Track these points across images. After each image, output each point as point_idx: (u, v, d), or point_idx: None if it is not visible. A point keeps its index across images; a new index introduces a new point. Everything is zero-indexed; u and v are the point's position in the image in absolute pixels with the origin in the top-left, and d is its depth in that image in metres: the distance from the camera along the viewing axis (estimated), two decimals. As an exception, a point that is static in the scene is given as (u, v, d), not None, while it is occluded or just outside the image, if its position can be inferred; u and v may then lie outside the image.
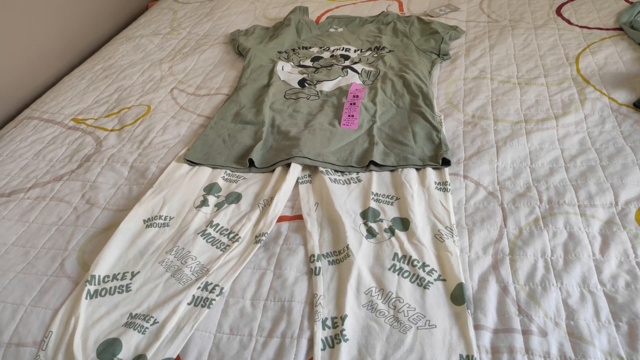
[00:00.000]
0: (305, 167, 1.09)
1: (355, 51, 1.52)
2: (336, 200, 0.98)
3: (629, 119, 1.12)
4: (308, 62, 1.48)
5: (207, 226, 0.96)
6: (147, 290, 0.85)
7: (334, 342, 0.75)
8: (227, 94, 1.39)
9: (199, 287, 0.85)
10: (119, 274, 0.89)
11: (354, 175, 1.06)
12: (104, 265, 0.89)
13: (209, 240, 0.94)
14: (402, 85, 1.30)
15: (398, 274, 0.84)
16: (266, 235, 0.93)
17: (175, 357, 0.76)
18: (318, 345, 0.75)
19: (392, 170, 1.06)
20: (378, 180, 1.04)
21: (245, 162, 1.10)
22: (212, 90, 1.42)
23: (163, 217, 0.99)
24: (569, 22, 1.57)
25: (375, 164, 1.07)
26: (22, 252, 0.96)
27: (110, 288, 0.86)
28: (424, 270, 0.84)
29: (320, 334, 0.76)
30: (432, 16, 1.71)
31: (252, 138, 1.18)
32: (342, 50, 1.53)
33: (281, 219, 0.98)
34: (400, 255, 0.87)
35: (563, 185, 0.98)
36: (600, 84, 1.25)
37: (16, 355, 0.79)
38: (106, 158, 1.19)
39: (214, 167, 1.12)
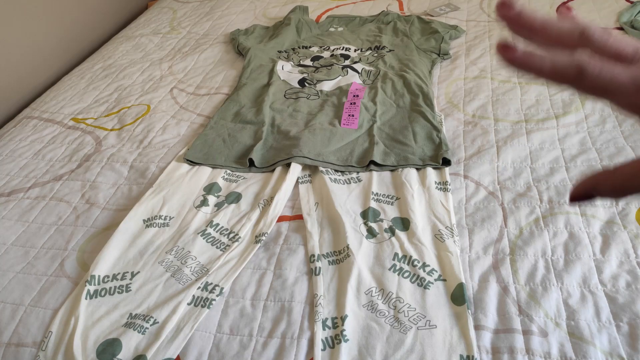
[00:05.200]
0: (305, 166, 1.09)
1: (355, 50, 1.51)
2: (336, 200, 0.98)
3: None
4: (308, 62, 1.48)
5: (207, 226, 0.96)
6: (147, 291, 0.85)
7: (334, 342, 0.75)
8: (227, 94, 1.39)
9: (199, 287, 0.84)
10: (118, 274, 0.89)
11: (354, 175, 1.06)
12: (104, 265, 0.89)
13: (209, 240, 0.94)
14: (403, 85, 1.30)
15: (398, 274, 0.84)
16: (266, 235, 0.93)
17: (175, 357, 0.76)
18: (318, 345, 0.75)
19: (392, 170, 1.06)
20: (378, 180, 1.04)
21: (245, 162, 1.10)
22: (212, 89, 1.42)
23: (163, 217, 0.99)
24: (569, 21, 1.57)
25: (376, 164, 1.06)
26: (22, 252, 0.96)
27: (110, 288, 0.86)
28: (424, 271, 0.84)
29: (321, 334, 0.76)
30: (432, 15, 1.71)
31: (252, 138, 1.18)
32: (342, 49, 1.53)
33: (281, 218, 0.98)
34: (400, 255, 0.87)
35: (564, 185, 0.98)
36: (600, 84, 1.25)
37: (16, 355, 0.79)
38: (106, 158, 1.19)
39: (213, 166, 1.12)
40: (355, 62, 1.44)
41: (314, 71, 1.42)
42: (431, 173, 1.03)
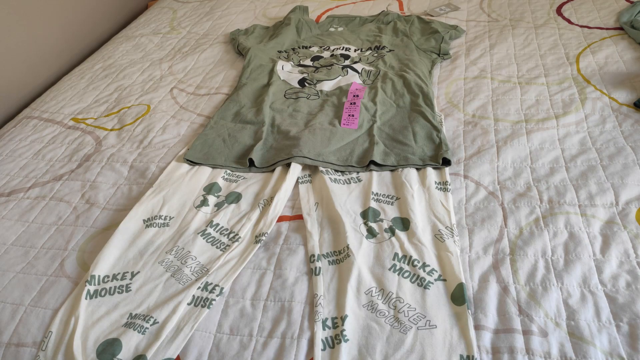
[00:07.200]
0: (305, 166, 1.09)
1: (355, 50, 1.52)
2: (336, 200, 0.98)
3: (629, 118, 1.12)
4: (308, 62, 1.48)
5: (207, 226, 0.96)
6: (147, 291, 0.85)
7: (334, 342, 0.75)
8: (227, 94, 1.39)
9: (199, 287, 0.84)
10: (118, 274, 0.89)
11: (354, 175, 1.06)
12: (104, 265, 0.89)
13: (209, 240, 0.94)
14: (403, 85, 1.30)
15: (398, 274, 0.84)
16: (266, 235, 0.93)
17: (175, 357, 0.76)
18: (318, 345, 0.75)
19: (392, 170, 1.06)
20: (378, 180, 1.04)
21: (245, 162, 1.10)
22: (212, 89, 1.42)
23: (163, 217, 0.99)
24: (569, 21, 1.57)
25: (376, 164, 1.06)
26: (22, 252, 0.96)
27: (110, 288, 0.86)
28: (424, 271, 0.84)
29: (321, 334, 0.76)
30: (432, 15, 1.71)
31: (252, 138, 1.18)
32: (342, 49, 1.53)
33: (281, 218, 0.98)
34: (400, 255, 0.87)
35: (563, 185, 0.98)
36: (600, 84, 1.25)
37: (16, 355, 0.79)
38: (106, 158, 1.19)
39: (214, 166, 1.12)
40: (355, 62, 1.44)
41: (314, 71, 1.42)
42: (431, 173, 1.03)
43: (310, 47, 1.57)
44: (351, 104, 1.24)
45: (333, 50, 1.52)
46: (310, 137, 1.13)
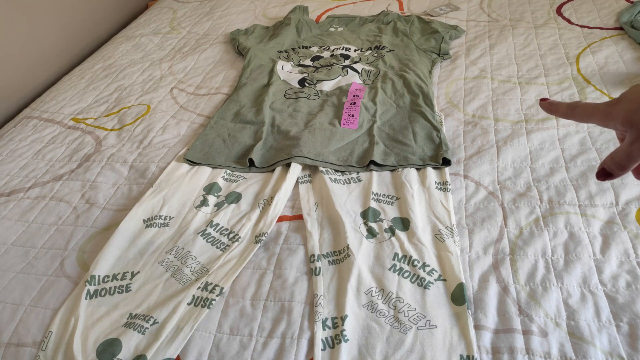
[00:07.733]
0: (305, 166, 1.09)
1: (355, 50, 1.52)
2: (336, 200, 0.98)
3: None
4: (308, 62, 1.48)
5: (207, 226, 0.96)
6: (147, 291, 0.85)
7: (334, 342, 0.75)
8: (227, 94, 1.39)
9: (199, 287, 0.84)
10: (118, 274, 0.89)
11: (354, 175, 1.06)
12: (104, 265, 0.89)
13: (208, 240, 0.94)
14: (403, 85, 1.30)
15: (398, 274, 0.84)
16: (266, 235, 0.93)
17: (175, 357, 0.76)
18: (318, 345, 0.75)
19: (392, 170, 1.06)
20: (378, 180, 1.04)
21: (245, 162, 1.10)
22: (212, 89, 1.42)
23: (163, 217, 0.99)
24: (569, 21, 1.57)
25: (376, 164, 1.06)
26: (22, 252, 0.96)
27: (110, 288, 0.86)
28: (424, 271, 0.84)
29: (321, 334, 0.76)
30: (432, 15, 1.71)
31: (252, 138, 1.18)
32: (342, 49, 1.53)
33: (281, 218, 0.98)
34: (400, 255, 0.87)
35: (563, 185, 0.98)
36: (600, 84, 1.25)
37: (16, 355, 0.79)
38: (106, 158, 1.19)
39: (213, 166, 1.12)
40: (355, 62, 1.44)
41: (314, 71, 1.42)
42: (431, 173, 1.03)
43: (310, 47, 1.57)
44: (351, 104, 1.24)
45: (333, 50, 1.52)
46: (310, 137, 1.13)
